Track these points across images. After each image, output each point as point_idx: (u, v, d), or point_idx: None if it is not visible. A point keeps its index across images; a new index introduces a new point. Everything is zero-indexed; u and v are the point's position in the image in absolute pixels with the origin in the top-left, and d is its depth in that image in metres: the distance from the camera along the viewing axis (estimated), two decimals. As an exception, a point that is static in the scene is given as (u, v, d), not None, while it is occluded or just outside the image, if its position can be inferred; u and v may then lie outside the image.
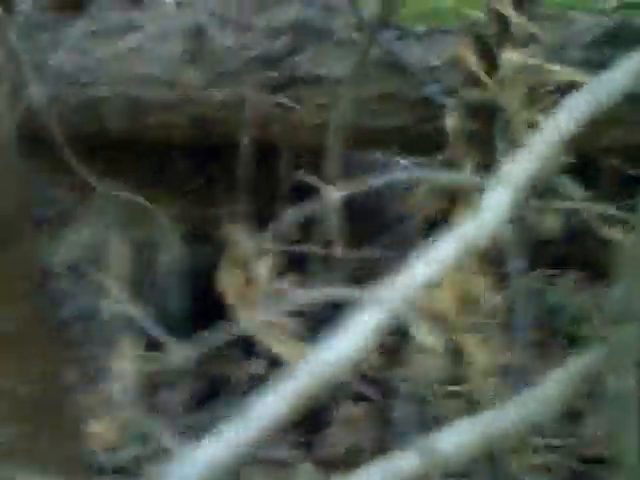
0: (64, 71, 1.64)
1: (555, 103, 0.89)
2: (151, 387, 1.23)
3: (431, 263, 0.48)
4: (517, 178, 0.53)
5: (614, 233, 0.64)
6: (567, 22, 1.43)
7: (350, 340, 0.45)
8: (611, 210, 0.75)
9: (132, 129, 1.66)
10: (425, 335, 1.01)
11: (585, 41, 1.40)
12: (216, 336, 0.48)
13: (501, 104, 0.83)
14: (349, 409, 1.51)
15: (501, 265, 1.41)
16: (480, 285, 1.06)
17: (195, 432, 0.46)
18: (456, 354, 1.11)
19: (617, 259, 0.63)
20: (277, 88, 1.52)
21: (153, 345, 0.48)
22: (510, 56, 0.79)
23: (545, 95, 0.86)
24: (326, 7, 1.54)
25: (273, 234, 0.53)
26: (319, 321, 0.50)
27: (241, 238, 0.51)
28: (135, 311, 0.47)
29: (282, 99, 1.48)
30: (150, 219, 1.54)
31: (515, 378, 1.16)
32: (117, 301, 0.48)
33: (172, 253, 1.60)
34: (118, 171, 1.71)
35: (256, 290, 0.50)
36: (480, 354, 1.07)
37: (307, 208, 0.51)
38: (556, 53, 1.41)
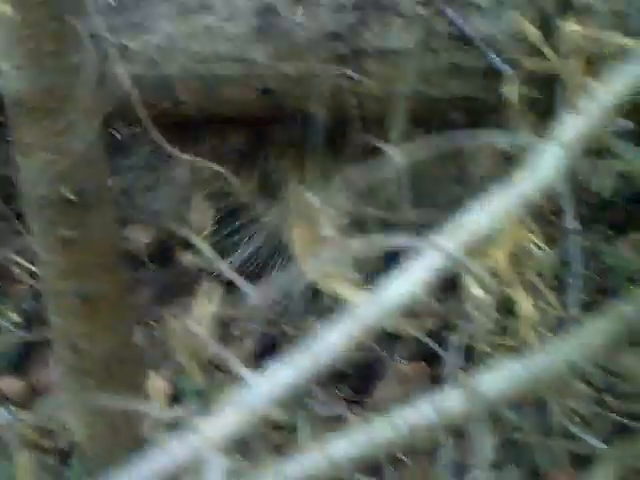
0: (140, 51, 1.71)
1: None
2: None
3: (487, 214, 0.52)
4: (570, 138, 0.57)
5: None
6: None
7: (408, 282, 0.50)
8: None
9: (205, 105, 1.73)
10: (476, 287, 1.05)
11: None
12: (284, 281, 0.53)
13: (560, 73, 0.86)
14: (400, 366, 1.56)
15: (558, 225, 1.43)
16: (533, 241, 1.09)
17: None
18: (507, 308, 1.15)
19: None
20: (344, 61, 1.57)
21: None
22: (569, 26, 0.83)
23: (604, 63, 0.88)
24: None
25: (339, 193, 0.58)
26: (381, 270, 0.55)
27: (307, 198, 0.56)
28: (216, 260, 0.53)
29: (349, 72, 1.53)
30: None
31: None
32: (199, 252, 0.54)
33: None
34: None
35: (322, 243, 0.55)
36: (530, 308, 1.10)
37: (371, 169, 0.56)
38: (618, 21, 1.43)
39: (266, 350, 1.61)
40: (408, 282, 0.50)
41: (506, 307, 1.05)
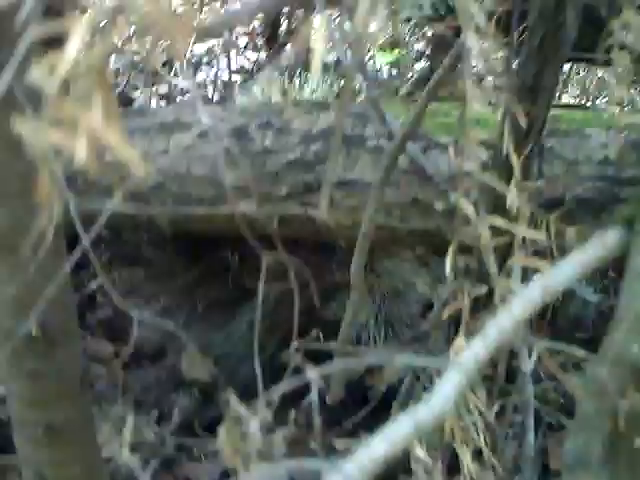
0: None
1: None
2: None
3: (386, 442, 0.57)
4: (468, 364, 0.62)
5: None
6: (582, 138, 1.51)
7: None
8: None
9: (177, 221, 1.78)
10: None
11: (599, 158, 1.48)
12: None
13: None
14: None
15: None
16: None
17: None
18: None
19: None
20: (311, 190, 1.63)
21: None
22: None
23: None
24: (359, 116, 1.64)
25: (266, 403, 0.62)
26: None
27: (236, 404, 0.61)
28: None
29: (314, 201, 1.59)
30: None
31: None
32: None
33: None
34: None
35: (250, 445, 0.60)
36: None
37: (291, 384, 0.60)
38: (572, 168, 1.49)
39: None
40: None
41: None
